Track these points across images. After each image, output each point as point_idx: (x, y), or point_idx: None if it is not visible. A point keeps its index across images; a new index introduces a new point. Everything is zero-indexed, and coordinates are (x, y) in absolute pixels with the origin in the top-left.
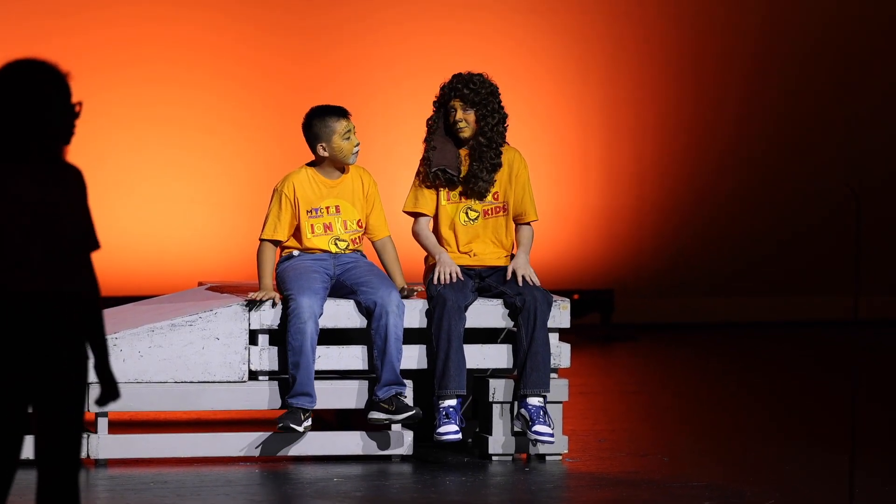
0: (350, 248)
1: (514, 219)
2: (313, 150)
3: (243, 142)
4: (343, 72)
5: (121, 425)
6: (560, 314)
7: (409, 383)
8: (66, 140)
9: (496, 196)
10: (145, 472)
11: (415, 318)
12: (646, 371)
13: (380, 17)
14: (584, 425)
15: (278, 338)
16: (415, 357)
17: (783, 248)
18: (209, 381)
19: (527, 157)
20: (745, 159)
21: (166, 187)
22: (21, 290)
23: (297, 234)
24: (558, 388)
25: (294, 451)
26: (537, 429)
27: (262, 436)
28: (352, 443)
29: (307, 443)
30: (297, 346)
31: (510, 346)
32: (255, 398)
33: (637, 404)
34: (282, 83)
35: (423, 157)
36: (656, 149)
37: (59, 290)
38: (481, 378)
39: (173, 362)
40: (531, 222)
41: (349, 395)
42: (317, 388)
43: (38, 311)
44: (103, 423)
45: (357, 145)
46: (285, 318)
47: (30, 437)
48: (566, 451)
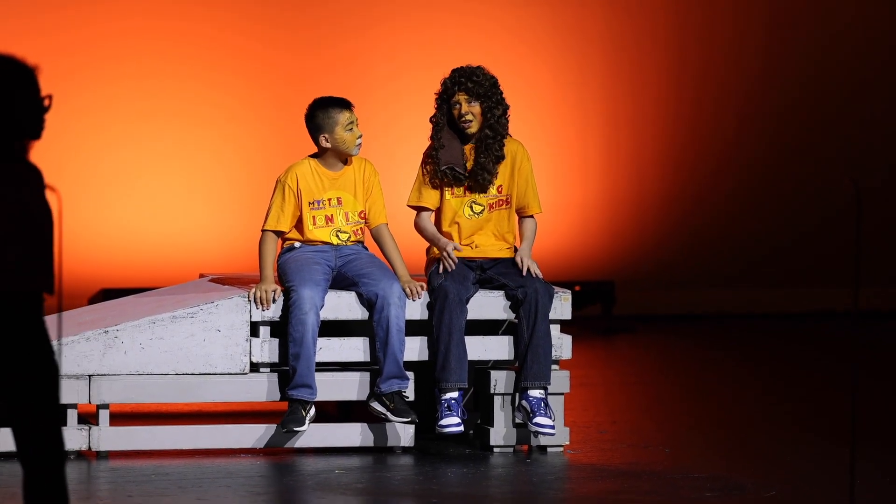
0: (351, 239)
1: (518, 211)
2: (316, 141)
3: (244, 135)
4: (343, 65)
5: (122, 417)
6: (561, 306)
7: (410, 375)
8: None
9: (500, 189)
10: (147, 464)
11: (416, 309)
12: (647, 362)
13: (379, 9)
14: (585, 417)
15: (280, 329)
16: (416, 349)
17: (784, 239)
18: (210, 373)
19: (527, 149)
20: (747, 152)
21: (167, 180)
22: None
23: (298, 225)
24: (559, 380)
25: (295, 443)
26: (538, 420)
27: (263, 428)
28: (353, 434)
29: (309, 435)
30: (298, 338)
31: (511, 337)
32: (256, 390)
33: (638, 396)
34: (282, 76)
35: (431, 154)
36: (656, 141)
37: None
38: (483, 370)
39: (175, 354)
40: (535, 215)
41: (350, 387)
42: (318, 380)
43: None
44: (104, 415)
45: (360, 137)
46: (286, 310)
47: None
48: (567, 443)
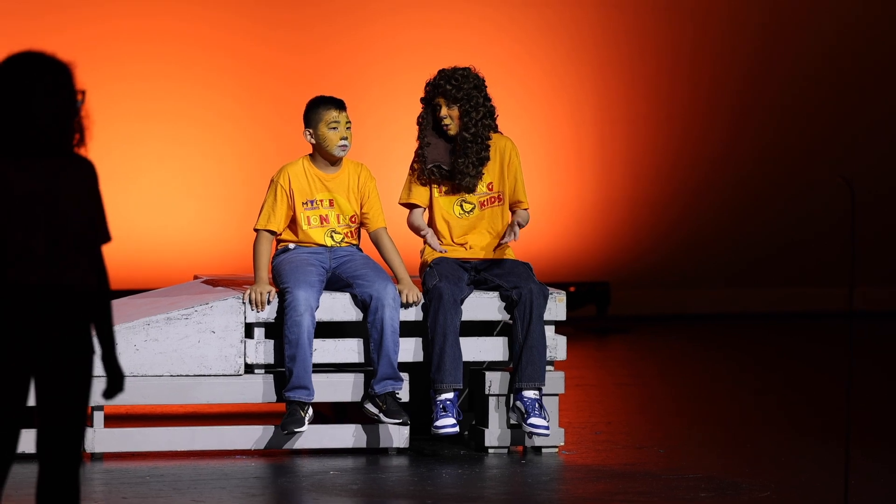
0: (346, 241)
1: (510, 207)
2: (305, 137)
3: (238, 135)
4: (337, 64)
5: (117, 419)
6: (556, 307)
7: (405, 376)
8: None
9: (490, 186)
10: (141, 465)
11: (411, 310)
12: (642, 363)
13: (373, 9)
14: (580, 417)
15: (274, 331)
16: (411, 350)
17: (778, 238)
18: (205, 375)
19: (520, 149)
20: (742, 151)
21: (162, 181)
22: (24, 282)
23: (293, 226)
24: (554, 381)
25: (291, 445)
26: (532, 421)
27: (258, 429)
28: (348, 436)
29: (303, 436)
30: (293, 339)
31: (506, 338)
32: (251, 391)
33: (633, 396)
34: (276, 76)
35: (419, 154)
36: (651, 141)
37: (62, 283)
38: (477, 371)
39: (169, 356)
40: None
41: (345, 389)
42: (313, 381)
43: (41, 303)
44: (99, 416)
45: (344, 139)
46: (282, 312)
47: (30, 431)
48: (562, 444)
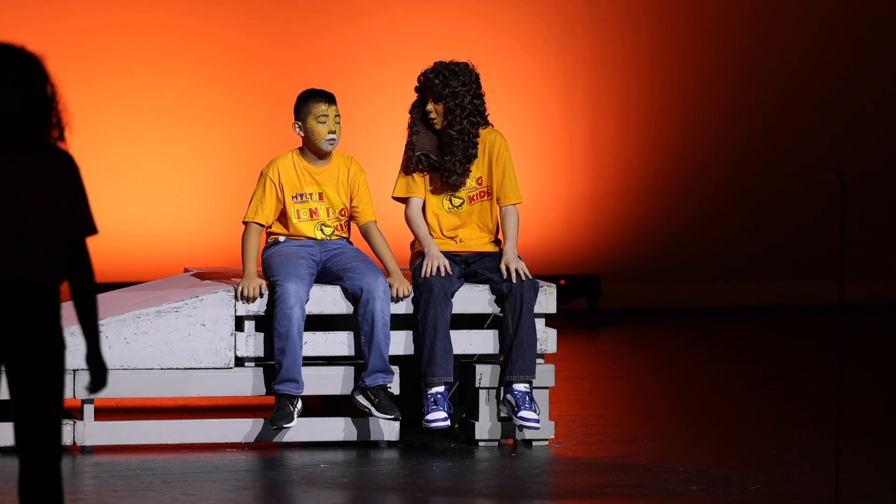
0: (336, 234)
1: (497, 201)
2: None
3: (228, 128)
4: (328, 58)
5: (107, 412)
6: (546, 300)
7: (395, 370)
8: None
9: (479, 181)
10: (132, 458)
11: (401, 303)
12: (632, 356)
13: (365, 2)
14: (570, 410)
15: (264, 324)
16: (401, 343)
17: (769, 232)
18: (195, 368)
19: (512, 142)
20: (732, 144)
21: (151, 174)
22: None
23: (283, 219)
24: (544, 374)
25: (281, 438)
26: (523, 414)
27: (248, 422)
28: (338, 429)
29: (294, 429)
30: (283, 332)
31: (496, 331)
32: (241, 384)
33: (623, 389)
34: (266, 69)
35: (408, 143)
36: (642, 134)
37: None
38: (468, 364)
39: (159, 349)
40: (515, 205)
41: (335, 382)
42: (303, 374)
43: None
44: (89, 409)
45: (333, 133)
46: (272, 304)
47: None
48: (553, 437)
